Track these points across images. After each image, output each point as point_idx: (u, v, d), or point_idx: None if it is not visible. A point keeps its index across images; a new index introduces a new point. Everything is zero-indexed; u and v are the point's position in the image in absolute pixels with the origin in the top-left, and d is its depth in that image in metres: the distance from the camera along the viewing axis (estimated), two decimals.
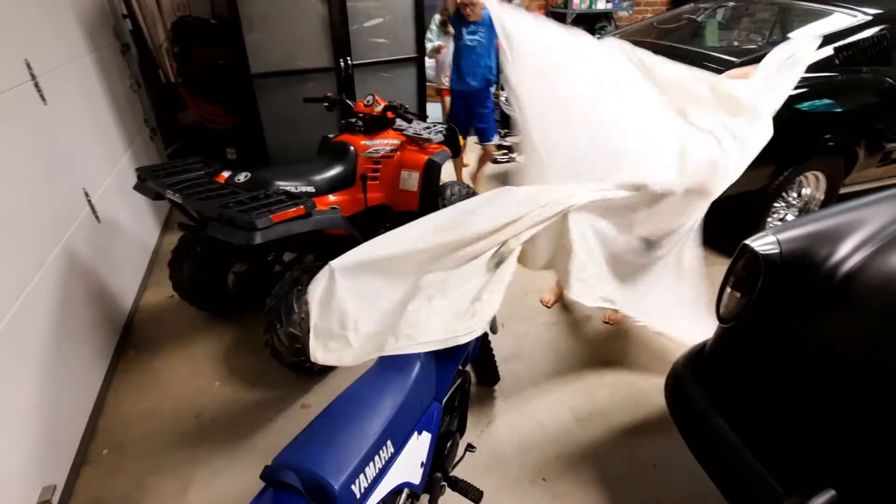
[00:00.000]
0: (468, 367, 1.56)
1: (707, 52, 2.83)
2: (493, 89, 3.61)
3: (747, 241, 1.23)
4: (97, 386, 1.97)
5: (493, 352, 1.95)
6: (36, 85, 1.88)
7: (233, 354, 2.23)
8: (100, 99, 2.57)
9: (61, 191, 1.97)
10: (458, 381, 1.46)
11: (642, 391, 2.00)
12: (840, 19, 2.69)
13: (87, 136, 2.32)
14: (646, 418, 1.90)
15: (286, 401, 1.98)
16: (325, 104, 2.52)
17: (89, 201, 2.17)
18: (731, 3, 3.78)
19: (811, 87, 2.52)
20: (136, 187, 2.00)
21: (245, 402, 1.98)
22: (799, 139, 2.58)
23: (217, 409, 1.96)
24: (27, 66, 1.84)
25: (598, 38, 5.25)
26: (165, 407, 1.97)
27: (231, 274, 2.38)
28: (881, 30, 2.60)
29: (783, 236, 1.21)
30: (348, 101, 2.50)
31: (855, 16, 2.66)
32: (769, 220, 2.77)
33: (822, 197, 2.84)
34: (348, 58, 3.16)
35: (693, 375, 1.41)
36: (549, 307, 2.48)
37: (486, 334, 1.82)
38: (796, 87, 2.48)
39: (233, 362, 2.18)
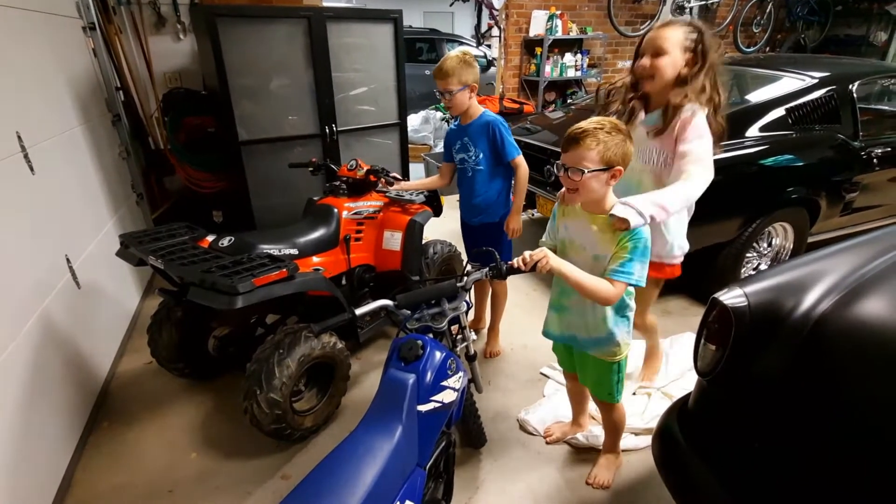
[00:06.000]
0: (453, 429, 1.53)
1: None
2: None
3: (716, 295, 1.27)
4: (66, 460, 1.88)
5: (479, 412, 1.92)
6: (25, 156, 1.92)
7: (211, 423, 2.15)
8: (88, 167, 2.62)
9: (43, 258, 1.97)
10: (443, 444, 1.43)
11: (632, 450, 1.97)
12: (789, 83, 2.92)
13: (72, 204, 2.33)
14: (636, 476, 1.86)
15: (265, 471, 1.90)
16: (310, 169, 2.60)
17: (70, 268, 2.16)
18: None
19: (770, 144, 2.69)
20: (118, 253, 2.01)
21: (222, 475, 1.90)
22: (764, 192, 2.71)
23: (193, 482, 1.87)
24: (18, 138, 1.89)
25: (570, 101, 5.51)
26: (138, 482, 1.87)
27: (212, 338, 2.34)
28: (828, 91, 2.82)
29: (750, 289, 1.26)
30: (332, 166, 2.59)
31: (803, 79, 2.89)
32: (743, 270, 2.85)
33: (791, 246, 2.95)
34: (333, 125, 3.30)
35: (679, 430, 1.40)
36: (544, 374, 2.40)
37: (470, 394, 1.80)
38: (757, 145, 2.67)
39: (210, 431, 2.11)
